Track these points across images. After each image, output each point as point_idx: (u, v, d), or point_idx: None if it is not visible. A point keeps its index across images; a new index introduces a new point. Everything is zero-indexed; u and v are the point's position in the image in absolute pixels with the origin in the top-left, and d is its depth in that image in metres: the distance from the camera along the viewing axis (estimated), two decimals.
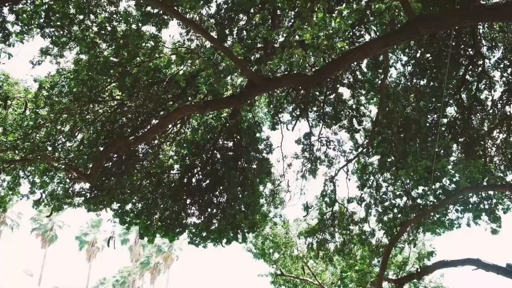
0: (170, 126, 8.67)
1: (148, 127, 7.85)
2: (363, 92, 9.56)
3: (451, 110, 9.75)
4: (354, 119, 9.39)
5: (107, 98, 7.74)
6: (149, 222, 9.62)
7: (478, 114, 9.81)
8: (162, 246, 61.63)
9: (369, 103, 9.77)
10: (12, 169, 7.68)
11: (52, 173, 7.99)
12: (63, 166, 7.29)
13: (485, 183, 8.69)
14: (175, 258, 61.67)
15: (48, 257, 60.88)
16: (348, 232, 9.47)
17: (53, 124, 7.42)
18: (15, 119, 7.21)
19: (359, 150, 9.49)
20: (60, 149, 7.55)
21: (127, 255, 63.09)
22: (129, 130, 8.10)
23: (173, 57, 7.35)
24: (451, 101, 9.49)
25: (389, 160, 9.26)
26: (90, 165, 7.65)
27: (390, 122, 9.17)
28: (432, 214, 9.50)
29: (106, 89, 7.54)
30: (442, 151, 8.92)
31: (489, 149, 9.71)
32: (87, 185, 8.53)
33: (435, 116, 9.45)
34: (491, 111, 9.60)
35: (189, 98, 8.02)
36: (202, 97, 7.95)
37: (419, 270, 9.20)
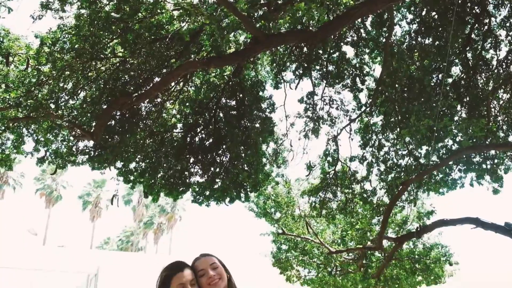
0: (173, 84, 8.62)
1: (151, 84, 7.81)
2: (367, 50, 9.45)
3: (455, 70, 9.65)
4: (357, 78, 9.32)
5: (109, 55, 7.67)
6: (152, 181, 9.70)
7: (483, 74, 9.72)
8: (165, 206, 62.49)
9: (373, 62, 9.68)
10: (16, 127, 7.69)
11: (56, 131, 8.01)
12: (66, 124, 7.29)
13: (487, 143, 8.73)
14: (178, 219, 62.65)
15: (52, 216, 61.67)
16: (350, 191, 9.57)
17: (55, 81, 7.37)
18: (17, 76, 7.17)
19: (362, 109, 9.47)
20: (63, 107, 7.54)
21: (130, 215, 64.06)
22: (131, 88, 8.05)
23: (175, 12, 7.25)
24: (456, 60, 9.39)
25: (392, 119, 9.26)
26: (94, 123, 7.67)
27: (394, 81, 9.11)
28: (435, 173, 9.57)
29: (108, 45, 7.46)
30: (445, 110, 8.89)
31: (493, 109, 9.68)
32: (90, 143, 8.56)
33: (440, 75, 9.37)
34: (496, 71, 9.51)
35: (192, 56, 7.94)
36: (205, 54, 7.86)
37: (418, 229, 9.34)
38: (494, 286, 31.87)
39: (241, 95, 9.70)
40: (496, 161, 9.45)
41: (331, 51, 9.27)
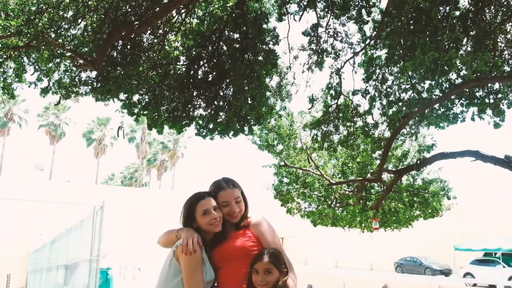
0: (175, 14, 8.47)
1: (152, 13, 7.67)
2: None
3: (464, 2, 9.43)
4: (363, 9, 9.12)
5: None
6: (156, 114, 9.77)
7: (491, 7, 9.50)
8: (167, 143, 63.15)
9: None
10: (17, 56, 7.65)
11: (58, 60, 7.97)
12: (68, 53, 7.25)
13: (491, 76, 8.68)
14: (180, 156, 63.43)
15: (57, 153, 62.47)
16: (352, 124, 9.65)
17: (55, 10, 7.25)
18: (17, 4, 7.04)
19: (367, 42, 9.34)
20: (63, 36, 7.46)
21: (133, 152, 64.80)
22: (133, 18, 7.93)
23: None
24: None
25: (396, 53, 9.16)
26: (95, 54, 7.62)
27: (400, 13, 8.92)
28: (436, 107, 9.61)
29: None
30: (451, 44, 8.78)
31: (500, 43, 9.55)
32: (93, 74, 8.54)
33: (447, 7, 9.17)
34: (505, 3, 9.29)
35: None
36: None
37: (418, 161, 9.51)
38: (491, 219, 32.76)
39: (244, 28, 9.55)
40: (499, 95, 9.44)
41: None
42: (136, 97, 9.54)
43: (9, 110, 53.73)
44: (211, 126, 10.01)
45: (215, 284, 2.89)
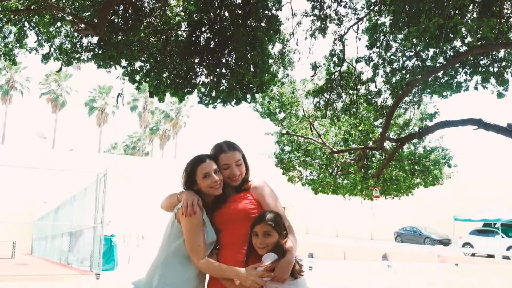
0: None
1: None
2: None
3: None
4: None
5: None
6: (158, 81, 9.72)
7: None
8: (169, 113, 63.08)
9: None
10: (18, 20, 7.57)
11: (59, 24, 7.89)
12: (69, 17, 7.17)
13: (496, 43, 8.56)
14: (182, 125, 63.47)
15: (59, 121, 62.58)
16: (355, 92, 9.59)
17: None
18: None
19: (371, 8, 9.20)
20: (64, 0, 7.37)
21: (136, 121, 64.91)
22: None
23: None
24: None
25: (401, 19, 9.03)
26: (96, 18, 7.54)
27: None
28: (440, 76, 9.53)
29: None
30: (456, 10, 8.64)
31: (506, 10, 9.39)
32: (94, 40, 8.48)
33: None
34: None
35: None
36: None
37: (420, 130, 9.49)
38: (491, 189, 32.95)
39: None
40: (503, 64, 9.35)
41: None
42: (137, 64, 9.48)
43: (11, 77, 53.57)
44: (213, 94, 9.96)
45: (217, 247, 2.94)
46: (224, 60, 9.92)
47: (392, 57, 9.34)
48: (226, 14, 9.77)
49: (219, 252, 2.89)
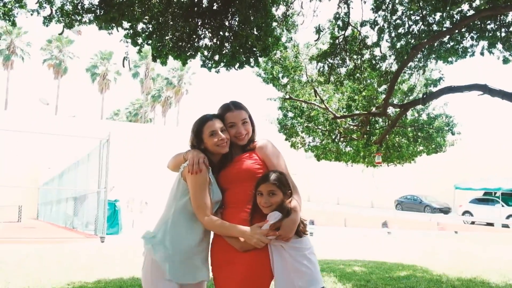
0: None
1: None
2: None
3: None
4: None
5: None
6: (160, 44, 9.62)
7: None
8: (172, 79, 62.69)
9: None
10: None
11: None
12: None
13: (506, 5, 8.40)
14: (184, 92, 63.21)
15: (61, 87, 62.48)
16: (359, 57, 9.49)
17: None
18: None
19: None
20: None
21: (138, 88, 64.72)
22: None
23: None
24: None
25: None
26: None
27: None
28: (445, 41, 9.40)
29: None
30: None
31: None
32: (96, 1, 8.37)
33: None
34: None
35: None
36: None
37: (424, 95, 9.43)
38: (494, 158, 32.99)
39: None
40: (511, 28, 9.20)
41: None
42: (140, 26, 9.36)
43: (11, 42, 53.09)
44: (216, 57, 9.87)
45: (222, 206, 2.97)
46: (227, 23, 9.79)
47: (398, 21, 9.19)
48: None
49: (224, 211, 2.93)
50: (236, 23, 9.58)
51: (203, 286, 2.96)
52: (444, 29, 9.02)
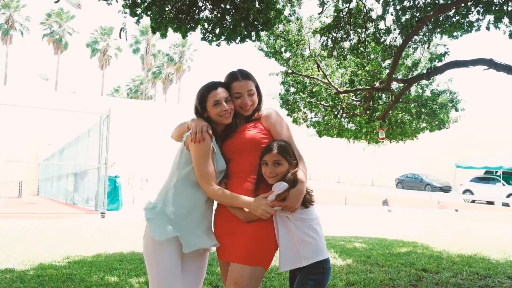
0: None
1: None
2: None
3: None
4: None
5: None
6: (160, 15, 9.43)
7: None
8: (173, 56, 62.21)
9: None
10: None
11: None
12: None
13: None
14: (186, 69, 62.79)
15: (61, 63, 62.12)
16: (364, 30, 9.30)
17: None
18: None
19: None
20: None
21: (138, 64, 64.32)
22: None
23: None
24: None
25: None
26: None
27: None
28: (451, 15, 9.20)
29: None
30: None
31: None
32: None
33: None
34: None
35: None
36: None
37: (429, 70, 9.26)
38: (495, 134, 32.91)
39: None
40: None
41: None
42: None
43: (10, 16, 52.50)
44: (217, 30, 9.69)
45: (227, 177, 2.90)
46: None
47: None
48: None
49: (228, 181, 2.85)
50: None
51: (206, 255, 2.92)
52: (450, 1, 8.82)
